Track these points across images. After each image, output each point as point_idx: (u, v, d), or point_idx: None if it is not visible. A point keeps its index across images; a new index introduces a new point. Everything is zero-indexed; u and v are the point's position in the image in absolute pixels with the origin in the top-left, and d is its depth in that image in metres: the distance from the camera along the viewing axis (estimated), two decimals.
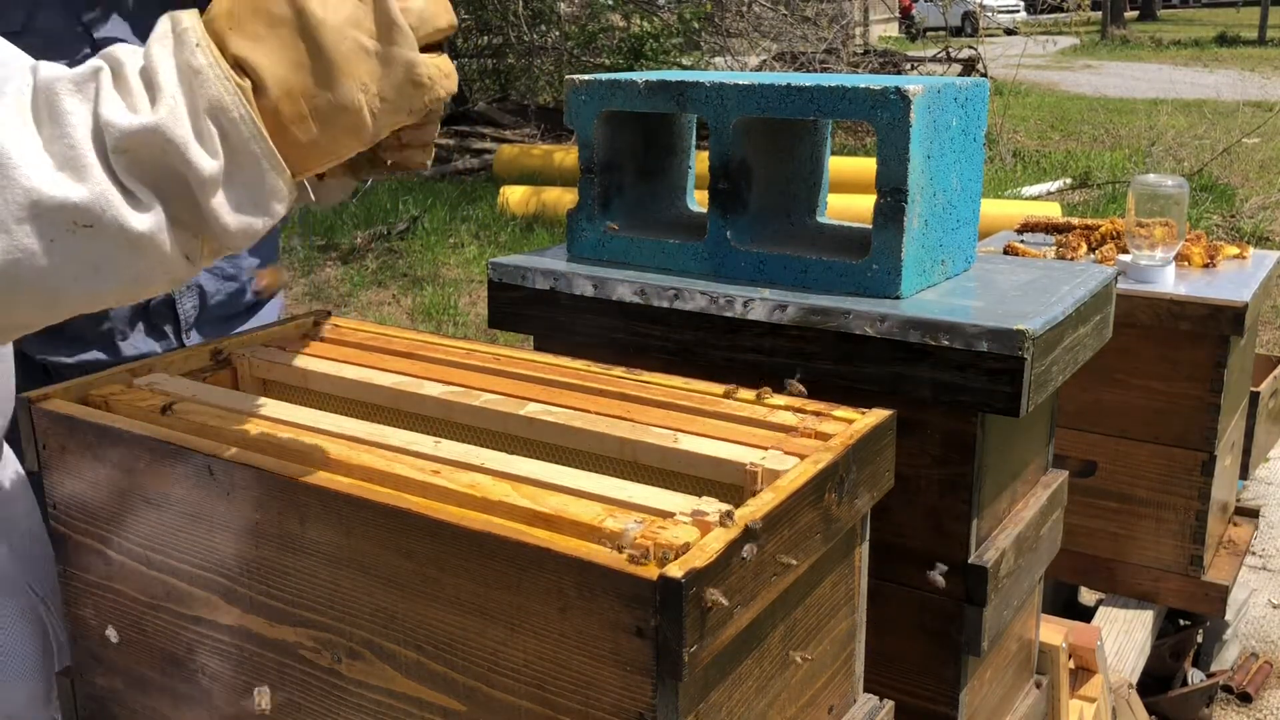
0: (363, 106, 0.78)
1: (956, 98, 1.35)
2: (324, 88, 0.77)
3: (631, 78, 1.45)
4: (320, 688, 0.98)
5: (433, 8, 0.81)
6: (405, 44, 0.78)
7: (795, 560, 0.89)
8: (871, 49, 14.55)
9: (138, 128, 0.74)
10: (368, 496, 0.89)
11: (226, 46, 0.77)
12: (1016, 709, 1.56)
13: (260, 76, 0.77)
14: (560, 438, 1.06)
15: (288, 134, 0.78)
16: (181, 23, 0.77)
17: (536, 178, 8.40)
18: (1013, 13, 24.26)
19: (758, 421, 1.05)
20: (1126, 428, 2.29)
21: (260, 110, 0.77)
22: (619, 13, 11.09)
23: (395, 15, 0.78)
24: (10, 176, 0.72)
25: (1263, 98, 12.99)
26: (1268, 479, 3.63)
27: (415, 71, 0.79)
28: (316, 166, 0.81)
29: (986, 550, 1.31)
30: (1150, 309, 2.17)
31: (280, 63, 0.77)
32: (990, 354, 1.20)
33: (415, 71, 0.79)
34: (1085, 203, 7.99)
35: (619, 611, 0.77)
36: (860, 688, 1.11)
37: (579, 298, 1.43)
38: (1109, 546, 2.37)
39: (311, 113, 0.78)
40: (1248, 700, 2.62)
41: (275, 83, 0.77)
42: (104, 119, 0.74)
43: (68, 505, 1.11)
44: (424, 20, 0.80)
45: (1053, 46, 20.28)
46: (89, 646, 1.15)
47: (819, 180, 1.57)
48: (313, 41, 0.76)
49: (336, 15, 0.76)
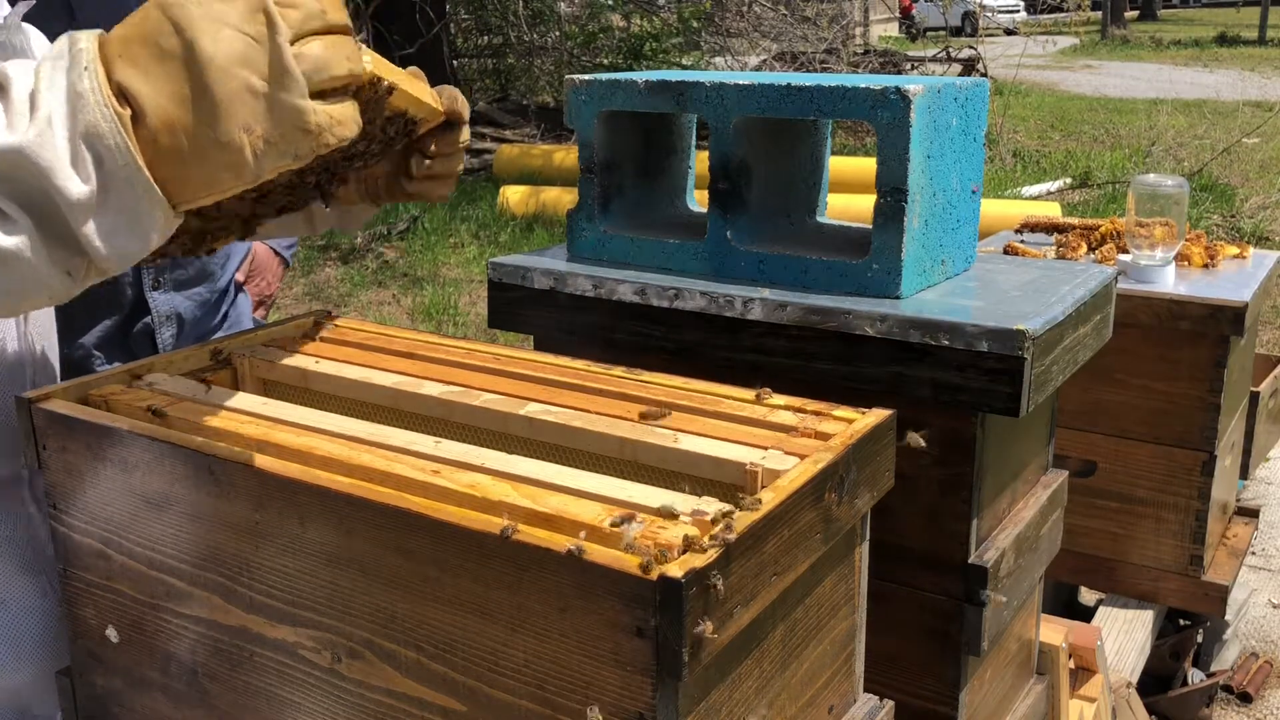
0: (244, 146, 0.77)
1: (956, 98, 1.35)
2: (205, 124, 0.77)
3: (631, 78, 1.45)
4: (320, 688, 0.98)
5: (329, 55, 0.79)
6: (295, 91, 0.77)
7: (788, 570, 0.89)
8: (871, 49, 14.55)
9: (3, 148, 0.74)
10: (368, 496, 0.89)
11: (113, 73, 0.77)
12: (1016, 709, 1.56)
13: (141, 106, 0.76)
14: (560, 438, 1.06)
15: (166, 166, 0.77)
16: (78, 43, 0.77)
17: (536, 178, 8.40)
18: (1013, 13, 24.26)
19: (758, 421, 1.05)
20: (1126, 428, 2.29)
21: (139, 140, 0.76)
22: (619, 13, 11.09)
23: (288, 60, 0.77)
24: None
25: (1263, 98, 12.99)
26: (1268, 479, 3.63)
27: (303, 119, 0.78)
28: (197, 200, 0.80)
29: (986, 550, 1.31)
30: (1150, 309, 2.17)
31: (162, 94, 0.76)
32: (990, 354, 1.20)
33: (303, 119, 0.78)
34: (1085, 203, 7.99)
35: (619, 611, 0.77)
36: (860, 688, 1.11)
37: (579, 298, 1.43)
38: (1109, 546, 2.37)
39: (191, 147, 0.77)
40: (1248, 700, 2.62)
41: (155, 113, 0.76)
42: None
43: (68, 505, 1.11)
44: (319, 67, 0.79)
45: (1053, 46, 20.28)
46: (89, 646, 1.15)
47: (819, 180, 1.57)
48: (198, 77, 0.76)
49: (226, 54, 0.76)
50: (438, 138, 1.11)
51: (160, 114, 0.76)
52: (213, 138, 0.77)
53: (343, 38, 0.81)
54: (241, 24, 0.76)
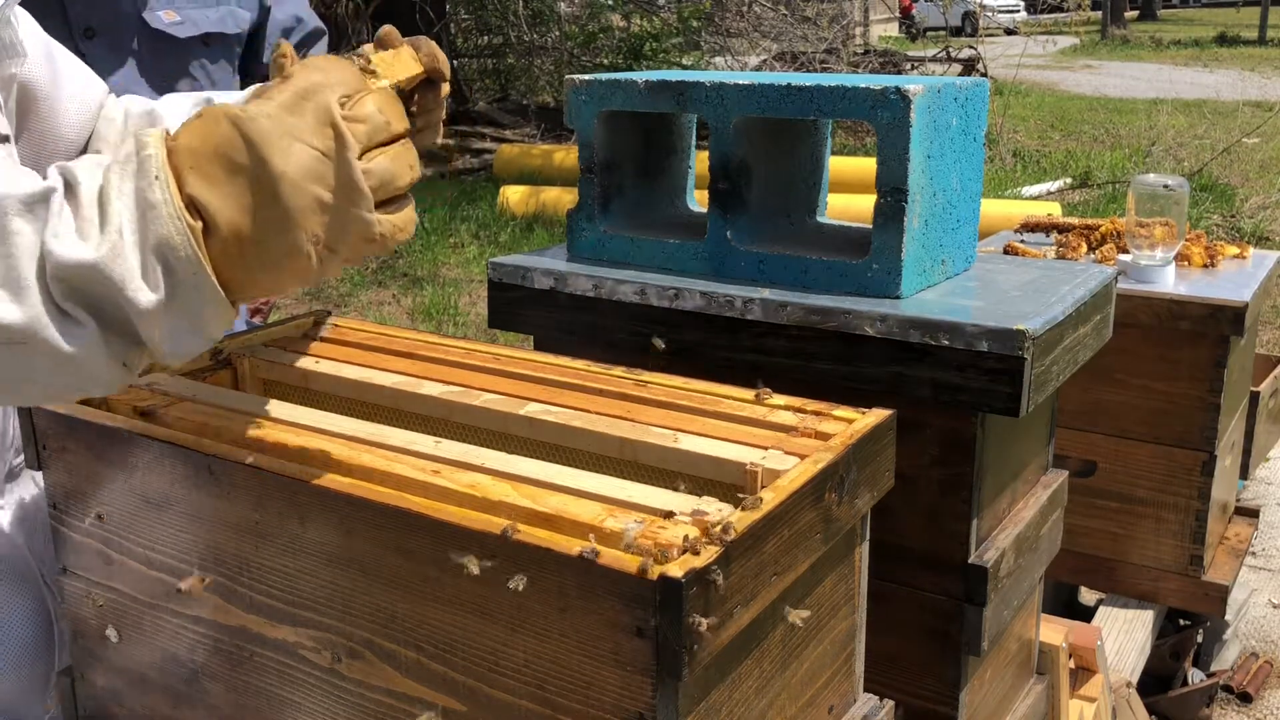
0: (311, 255, 0.79)
1: (956, 98, 1.35)
2: (275, 236, 0.78)
3: (631, 78, 1.45)
4: (320, 688, 0.98)
5: (395, 167, 0.81)
6: (363, 205, 0.79)
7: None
8: (871, 49, 14.55)
9: (76, 262, 0.75)
10: (368, 496, 0.89)
11: (184, 184, 0.77)
12: (1016, 709, 1.56)
13: (213, 218, 0.77)
14: (560, 438, 1.06)
15: (233, 272, 0.79)
16: (146, 148, 0.78)
17: (536, 178, 8.40)
18: (1013, 13, 24.25)
19: (758, 421, 1.05)
20: (1126, 428, 2.29)
21: (208, 248, 0.78)
22: (619, 13, 11.09)
23: (356, 176, 0.78)
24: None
25: (1263, 98, 12.99)
26: (1268, 479, 3.63)
27: (369, 230, 0.80)
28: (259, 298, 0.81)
29: (986, 550, 1.31)
30: (1150, 309, 2.17)
31: (234, 208, 0.77)
32: (990, 354, 1.20)
33: (369, 230, 0.80)
34: (1085, 203, 7.99)
35: (619, 611, 0.77)
36: (860, 688, 1.11)
37: (579, 298, 1.43)
38: (1109, 546, 2.37)
39: (259, 257, 0.79)
40: (1248, 700, 2.62)
41: (226, 226, 0.77)
42: (47, 247, 0.75)
43: (68, 504, 1.11)
44: (385, 181, 0.80)
45: (1053, 46, 20.27)
46: (89, 646, 1.15)
47: (819, 180, 1.57)
48: (269, 192, 0.77)
49: (297, 169, 0.77)
50: (420, 93, 1.09)
51: (231, 227, 0.77)
52: (282, 249, 0.79)
53: (405, 146, 0.83)
54: (311, 139, 0.78)
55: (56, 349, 0.76)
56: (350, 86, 0.81)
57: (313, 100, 0.79)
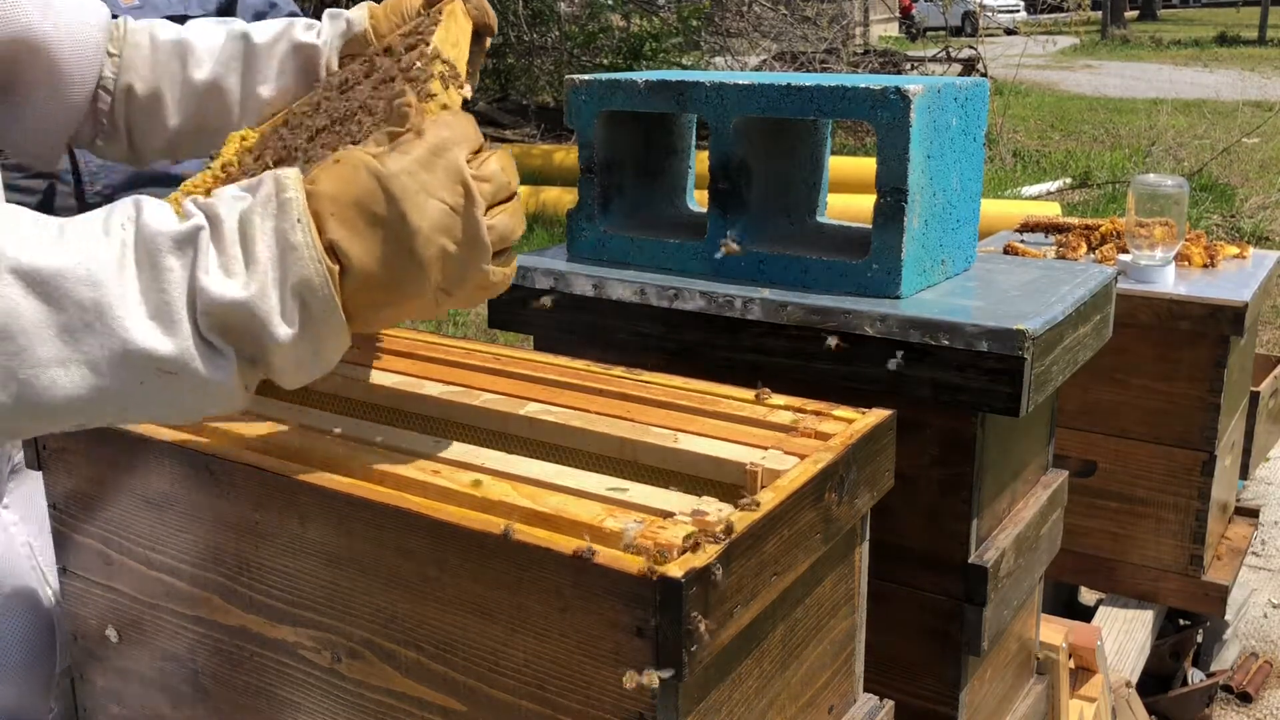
0: (433, 300, 0.87)
1: (956, 98, 1.35)
2: (404, 283, 0.85)
3: (631, 78, 1.45)
4: (320, 688, 0.98)
5: (513, 224, 0.89)
6: (483, 258, 0.87)
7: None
8: (871, 49, 14.54)
9: (228, 300, 0.80)
10: (368, 496, 0.89)
11: (325, 229, 0.83)
12: (1016, 709, 1.56)
13: (350, 263, 0.83)
14: (560, 438, 1.06)
15: (359, 311, 0.85)
16: (286, 191, 0.83)
17: (536, 178, 8.40)
18: (1013, 13, 24.24)
19: (758, 421, 1.05)
20: (1126, 428, 2.29)
21: (341, 288, 0.83)
22: (619, 13, 11.08)
23: (481, 232, 0.86)
24: (110, 325, 0.78)
25: (1263, 98, 12.99)
26: (1268, 479, 3.63)
27: (485, 280, 0.88)
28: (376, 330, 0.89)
29: (986, 550, 1.31)
30: (1150, 309, 2.17)
31: (370, 255, 0.83)
32: (990, 354, 1.20)
33: (485, 280, 0.88)
34: (1085, 203, 7.99)
35: (619, 611, 0.77)
36: (860, 688, 1.11)
37: (579, 298, 1.43)
38: (1109, 546, 2.37)
39: (386, 300, 0.86)
40: (1248, 700, 2.61)
41: (361, 271, 0.83)
42: (199, 284, 0.80)
43: (68, 504, 1.11)
44: (503, 236, 0.88)
45: (1053, 46, 20.27)
46: (89, 646, 1.15)
47: (819, 180, 1.57)
48: (404, 244, 0.84)
49: (430, 222, 0.84)
50: None
51: (365, 272, 0.84)
52: (408, 294, 0.86)
53: (519, 203, 0.90)
54: (444, 194, 0.85)
55: (202, 377, 0.81)
56: (474, 143, 0.88)
57: (444, 157, 0.85)
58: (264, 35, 1.31)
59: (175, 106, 1.30)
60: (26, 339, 0.77)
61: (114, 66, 1.29)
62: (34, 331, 0.77)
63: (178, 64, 1.30)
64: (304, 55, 1.31)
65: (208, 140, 1.33)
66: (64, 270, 0.78)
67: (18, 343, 0.77)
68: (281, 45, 1.30)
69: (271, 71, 1.30)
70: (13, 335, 0.77)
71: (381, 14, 1.31)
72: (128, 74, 1.29)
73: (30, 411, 0.79)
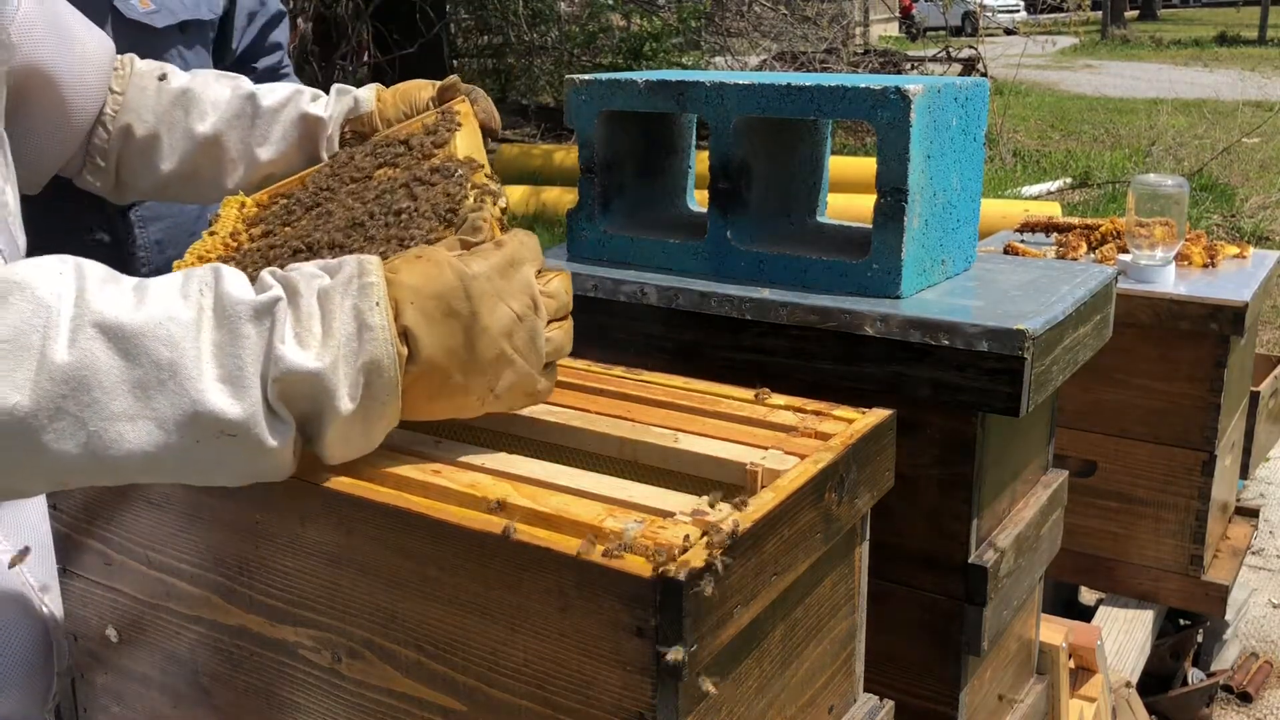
0: (480, 399, 0.92)
1: (956, 97, 1.35)
2: (462, 377, 0.90)
3: (631, 78, 1.45)
4: (320, 688, 0.98)
5: (565, 339, 0.96)
6: (536, 366, 0.93)
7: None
8: (871, 49, 14.54)
9: (303, 370, 0.83)
10: (368, 496, 0.89)
11: (401, 314, 0.87)
12: (1017, 709, 1.56)
13: (418, 351, 0.88)
14: (560, 438, 1.06)
15: (414, 398, 0.90)
16: (369, 275, 0.87)
17: (536, 178, 8.40)
18: (1013, 13, 24.24)
19: (758, 421, 1.05)
20: (1126, 428, 2.29)
21: (405, 374, 0.88)
22: (619, 13, 11.08)
23: (540, 342, 0.93)
24: (182, 384, 0.81)
25: (1263, 98, 12.98)
26: (1268, 479, 3.63)
27: (533, 387, 0.94)
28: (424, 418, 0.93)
29: (986, 550, 1.31)
30: (1150, 309, 2.17)
31: (439, 347, 0.88)
32: (990, 354, 1.20)
33: (533, 387, 0.94)
34: (1085, 203, 7.99)
35: (619, 611, 0.77)
36: (860, 688, 1.11)
37: (579, 298, 1.43)
38: (1109, 546, 2.37)
39: (442, 391, 0.90)
40: (1248, 700, 2.62)
41: (428, 360, 0.88)
42: (276, 352, 0.83)
43: (68, 504, 1.11)
44: (556, 350, 0.95)
45: (1052, 46, 20.27)
46: (89, 646, 1.15)
47: (819, 180, 1.57)
48: (473, 339, 0.89)
49: (498, 325, 0.90)
50: None
51: (431, 361, 0.88)
52: (463, 387, 0.91)
53: (571, 322, 0.98)
54: (514, 302, 0.91)
55: (263, 443, 0.83)
56: (541, 261, 0.95)
57: (519, 270, 0.92)
58: (271, 99, 1.33)
59: (171, 152, 1.32)
60: (102, 392, 0.79)
61: (115, 104, 1.31)
62: (110, 386, 0.79)
63: (181, 112, 1.32)
64: (307, 126, 1.33)
65: (196, 189, 1.36)
66: (144, 329, 0.80)
67: (92, 395, 0.79)
68: (287, 112, 1.33)
69: (274, 135, 1.33)
70: (89, 388, 0.79)
71: (390, 99, 1.33)
72: (128, 114, 1.31)
73: (93, 463, 0.80)
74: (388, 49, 8.86)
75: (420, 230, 1.06)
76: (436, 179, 1.12)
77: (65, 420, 0.79)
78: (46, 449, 0.79)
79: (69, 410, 0.79)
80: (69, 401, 0.79)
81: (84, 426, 0.79)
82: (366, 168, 1.22)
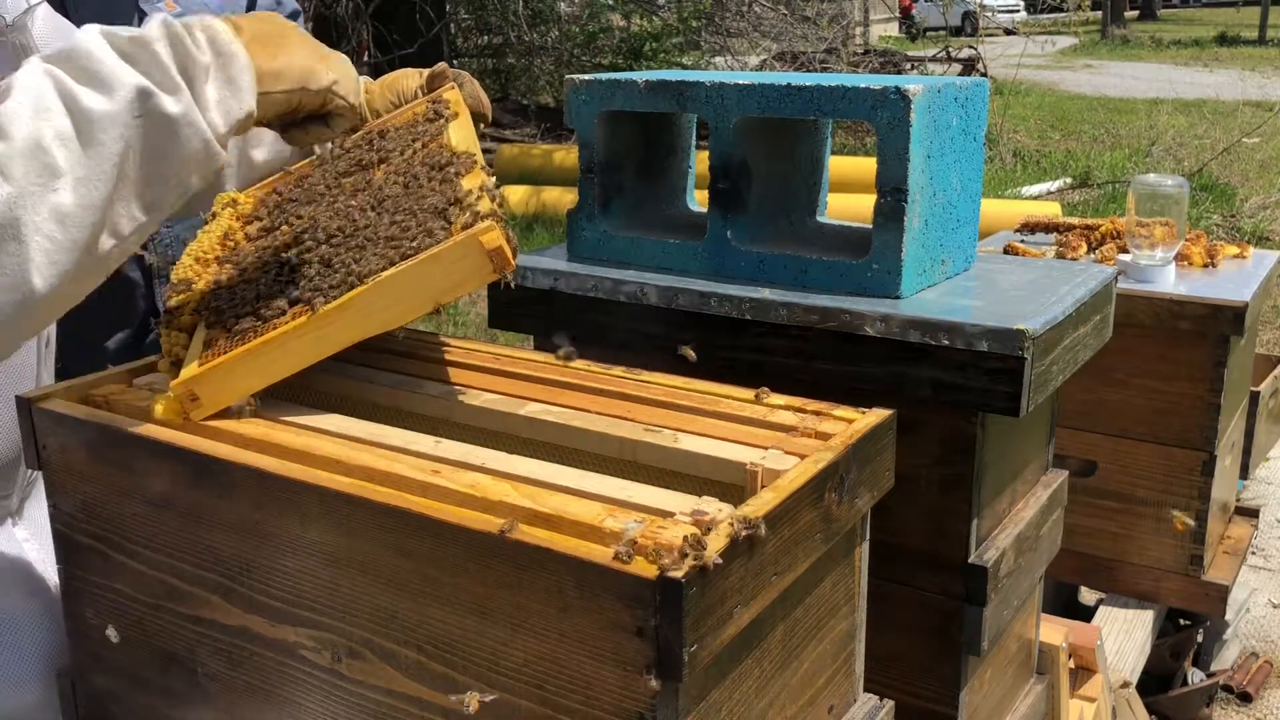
0: (320, 57, 1.10)
1: (956, 97, 1.35)
2: (283, 54, 1.07)
3: (631, 78, 1.45)
4: (320, 688, 0.98)
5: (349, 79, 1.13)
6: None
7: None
8: (871, 49, 14.54)
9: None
10: (368, 496, 0.89)
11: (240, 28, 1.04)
12: (1016, 709, 1.56)
13: (243, 28, 1.05)
14: (560, 438, 1.06)
15: (256, 54, 1.04)
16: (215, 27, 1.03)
17: (536, 178, 8.39)
18: (1013, 13, 24.23)
19: (758, 421, 1.05)
20: (1126, 428, 2.28)
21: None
22: (619, 13, 11.08)
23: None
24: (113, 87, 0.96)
25: (1263, 98, 12.98)
26: (1268, 479, 3.63)
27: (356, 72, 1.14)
28: (273, 90, 1.06)
29: (986, 550, 1.31)
30: (1150, 309, 2.17)
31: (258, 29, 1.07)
32: (990, 354, 1.20)
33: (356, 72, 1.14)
34: (1085, 203, 7.99)
35: (619, 611, 0.77)
36: (860, 688, 1.11)
37: (579, 298, 1.43)
38: (1109, 546, 2.37)
39: (277, 50, 1.07)
40: (1248, 700, 2.62)
41: (251, 33, 1.05)
42: None
43: (68, 505, 1.11)
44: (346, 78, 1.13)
45: (1052, 46, 20.26)
46: (89, 646, 1.15)
47: (819, 180, 1.57)
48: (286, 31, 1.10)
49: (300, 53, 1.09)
50: None
51: (254, 33, 1.05)
52: (292, 46, 1.08)
53: None
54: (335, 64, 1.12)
55: (165, 112, 0.96)
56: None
57: None
58: None
59: None
60: None
61: None
62: None
63: None
64: None
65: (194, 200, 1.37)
66: None
67: None
68: None
69: (267, 137, 1.33)
70: None
71: (378, 90, 1.33)
72: None
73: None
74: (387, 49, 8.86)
75: (415, 223, 1.06)
76: (431, 172, 1.12)
77: None
78: None
79: None
80: None
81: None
82: (358, 159, 1.22)
